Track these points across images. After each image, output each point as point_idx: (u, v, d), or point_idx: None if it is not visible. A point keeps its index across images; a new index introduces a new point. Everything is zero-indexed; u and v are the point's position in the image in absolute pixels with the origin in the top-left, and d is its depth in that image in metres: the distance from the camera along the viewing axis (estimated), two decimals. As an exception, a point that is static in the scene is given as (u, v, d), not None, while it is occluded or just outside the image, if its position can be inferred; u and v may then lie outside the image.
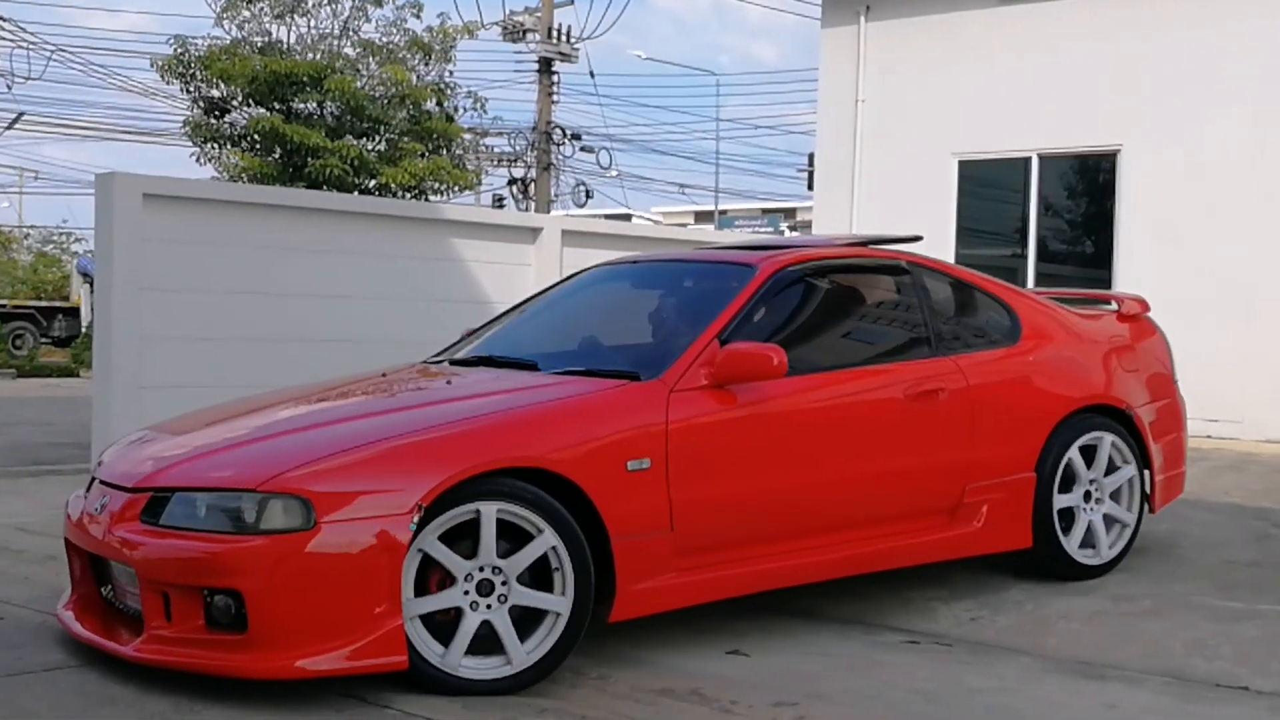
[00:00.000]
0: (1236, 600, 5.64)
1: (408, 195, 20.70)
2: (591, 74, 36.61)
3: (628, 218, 38.95)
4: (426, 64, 21.91)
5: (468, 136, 24.74)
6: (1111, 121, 12.56)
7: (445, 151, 22.28)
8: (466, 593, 4.34)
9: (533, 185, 31.59)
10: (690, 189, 52.00)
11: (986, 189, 13.55)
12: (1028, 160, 13.07)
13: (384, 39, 21.72)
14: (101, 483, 4.73)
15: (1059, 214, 13.20)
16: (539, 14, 30.00)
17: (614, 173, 37.84)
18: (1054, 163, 13.06)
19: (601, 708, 4.22)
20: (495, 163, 32.07)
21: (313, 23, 21.56)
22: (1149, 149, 12.35)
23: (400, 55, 21.56)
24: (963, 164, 13.52)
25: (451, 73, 22.61)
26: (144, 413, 8.75)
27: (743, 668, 4.69)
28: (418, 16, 21.85)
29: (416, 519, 4.20)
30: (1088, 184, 13.03)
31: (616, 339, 5.83)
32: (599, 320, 6.08)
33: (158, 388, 8.87)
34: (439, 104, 22.04)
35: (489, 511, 4.33)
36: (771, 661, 4.75)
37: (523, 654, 4.38)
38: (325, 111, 20.78)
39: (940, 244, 13.28)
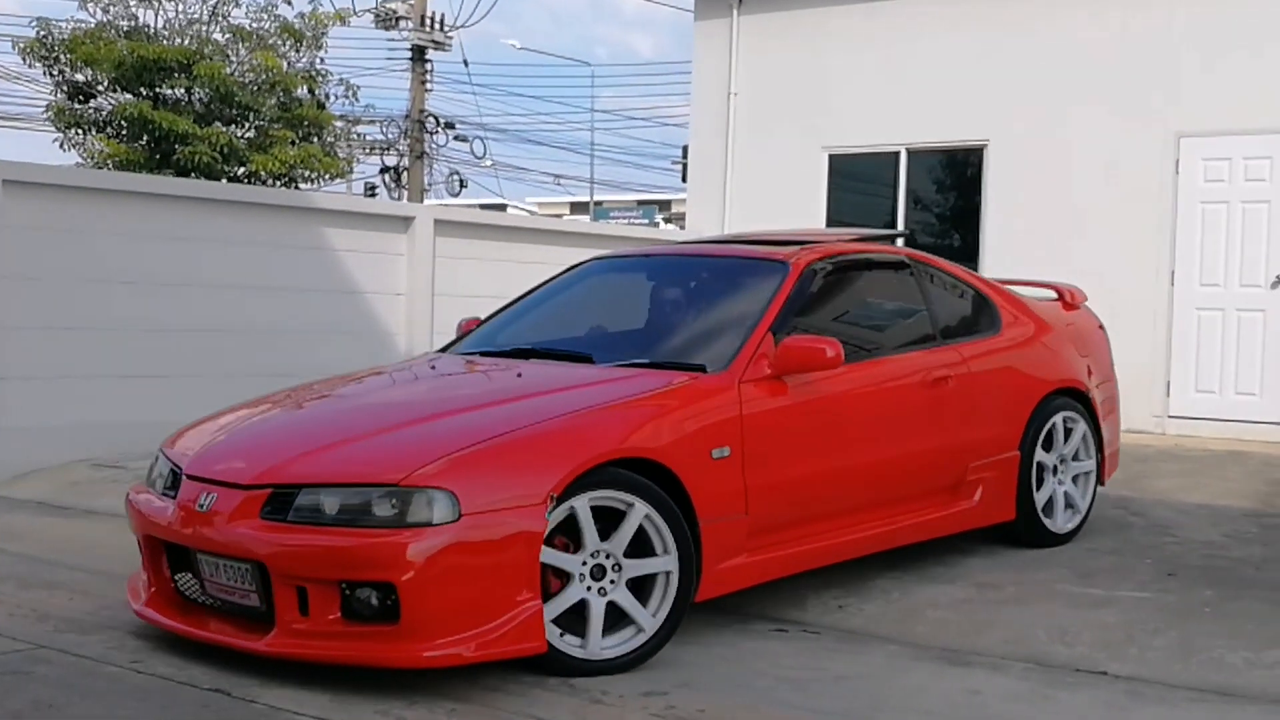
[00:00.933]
0: (1096, 587, 5.78)
1: (278, 183, 20.40)
2: (465, 63, 36.63)
3: (503, 208, 38.71)
4: (298, 51, 21.60)
5: (339, 124, 24.41)
6: (979, 116, 12.78)
7: (316, 139, 22.02)
8: (581, 578, 4.51)
9: (406, 174, 31.28)
10: (565, 179, 52.08)
11: (856, 182, 13.71)
12: (897, 154, 13.26)
13: (254, 25, 21.35)
14: (196, 478, 4.70)
15: (928, 208, 13.41)
16: (412, 1, 29.70)
17: (488, 162, 37.67)
18: (922, 157, 13.26)
19: (473, 699, 4.21)
20: (367, 151, 31.69)
21: (181, 7, 21.13)
22: (1014, 144, 12.59)
23: (271, 41, 21.22)
24: (833, 157, 13.66)
25: (323, 60, 22.36)
26: (3, 407, 8.52)
27: (614, 659, 4.69)
28: (289, 3, 21.59)
29: (551, 508, 4.35)
30: (955, 178, 13.25)
31: (662, 332, 6.00)
32: (630, 313, 6.32)
33: (18, 379, 8.64)
34: (310, 91, 21.77)
35: (596, 499, 4.52)
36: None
37: (649, 618, 4.60)
38: (194, 98, 20.39)
39: (812, 237, 13.43)
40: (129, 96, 19.97)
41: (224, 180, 19.10)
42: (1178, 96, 11.81)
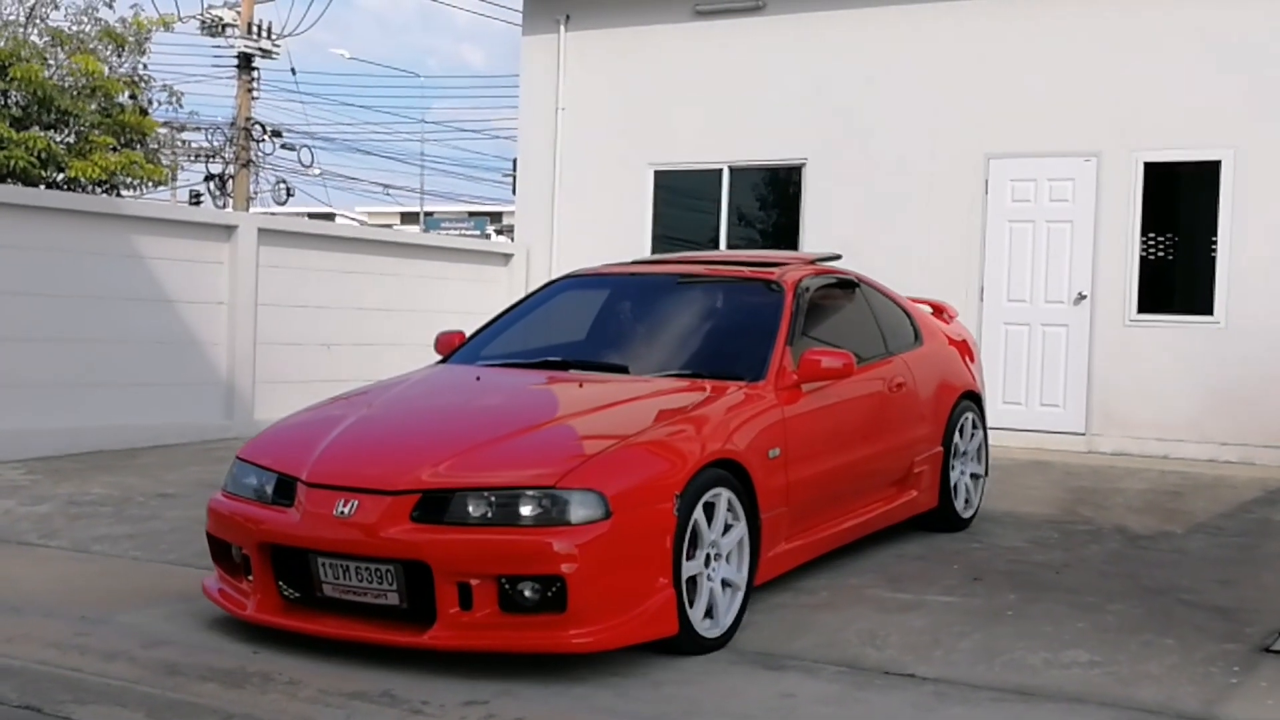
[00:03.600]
0: (905, 592, 5.97)
1: (99, 190, 19.81)
2: (293, 71, 35.94)
3: (331, 217, 38.24)
4: (119, 55, 21.00)
5: (163, 131, 23.83)
6: (798, 136, 13.06)
7: (139, 146, 21.43)
8: (706, 563, 5.06)
9: (231, 182, 30.70)
10: (395, 189, 51.45)
11: (682, 197, 13.90)
12: (720, 171, 13.48)
13: (74, 28, 20.71)
14: (325, 486, 4.92)
15: (750, 224, 13.65)
16: (239, 9, 29.18)
17: (316, 171, 37.15)
18: (744, 174, 13.50)
19: (291, 713, 4.19)
20: (192, 158, 31.01)
21: (-4, 8, 20.39)
22: (831, 163, 12.90)
23: (91, 46, 20.61)
24: (658, 173, 13.84)
25: (146, 65, 21.76)
26: None
27: (435, 668, 4.70)
28: (110, 6, 20.99)
29: (678, 504, 4.85)
30: (776, 195, 13.52)
31: (686, 346, 6.49)
32: (637, 328, 6.80)
33: None
34: (132, 97, 21.18)
35: (706, 496, 5.06)
36: (464, 660, 4.78)
37: (726, 617, 5.16)
38: (10, 101, 19.68)
39: (637, 250, 13.58)
40: (-60, 98, 19.20)
41: (41, 186, 18.50)
42: (987, 117, 12.26)
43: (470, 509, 4.68)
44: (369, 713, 4.20)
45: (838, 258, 7.58)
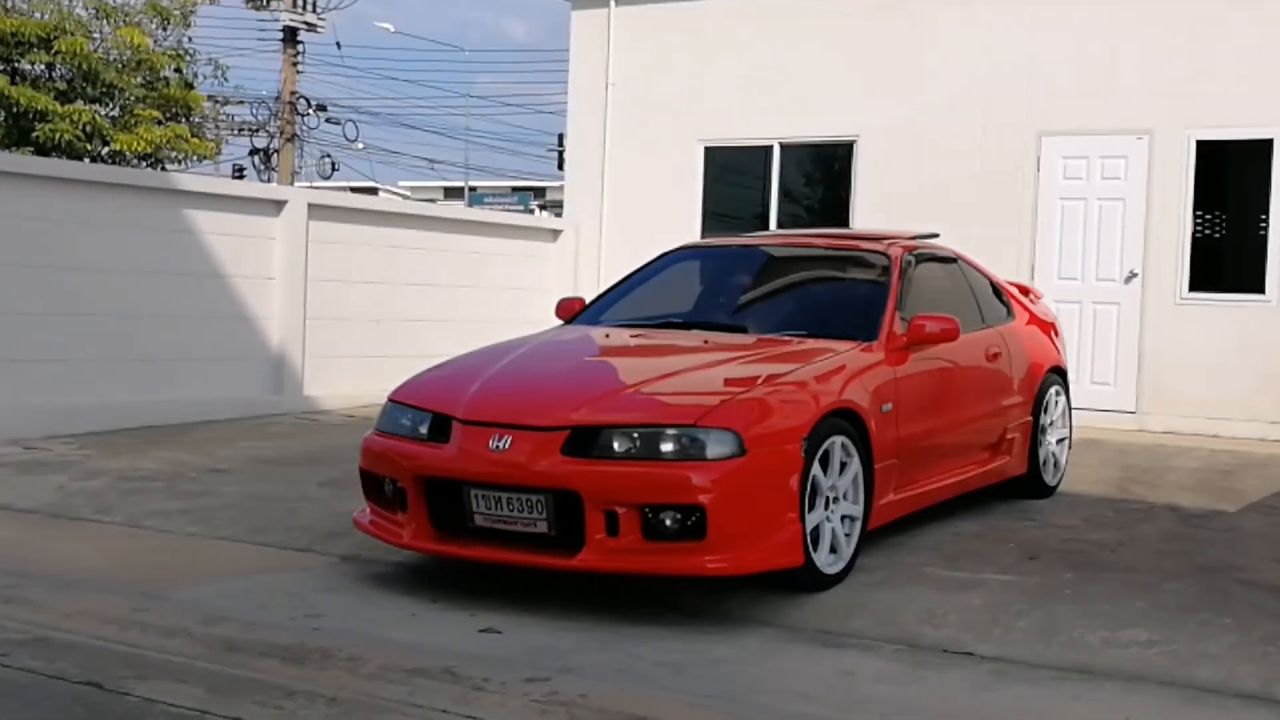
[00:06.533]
0: (962, 570, 5.95)
1: (144, 164, 19.94)
2: (338, 45, 36.21)
3: (374, 191, 38.31)
4: (164, 29, 21.10)
5: (207, 105, 23.95)
6: (849, 113, 13.00)
7: (184, 119, 21.55)
8: (826, 506, 5.48)
9: (276, 156, 30.81)
10: (439, 164, 51.53)
11: (731, 174, 13.86)
12: (770, 148, 13.43)
13: (119, 1, 20.81)
14: (479, 423, 5.31)
15: (798, 200, 13.61)
16: (283, -18, 29.24)
17: (360, 145, 37.23)
18: (794, 151, 13.45)
19: (352, 689, 4.19)
20: (236, 132, 31.15)
21: (41, -19, 20.50)
22: (883, 140, 12.83)
23: (137, 19, 20.70)
24: (708, 150, 13.80)
25: (191, 39, 21.87)
26: None
27: (496, 645, 4.73)
28: (156, -22, 21.02)
29: (805, 446, 5.25)
30: (825, 172, 13.47)
31: (803, 308, 7.08)
32: (754, 292, 7.31)
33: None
34: (178, 70, 21.28)
35: (836, 442, 5.51)
36: (524, 638, 4.81)
37: (847, 550, 5.61)
38: (55, 74, 19.82)
39: (686, 227, 13.56)
40: (-14, 71, 19.35)
41: (87, 160, 18.62)
42: (1039, 95, 12.15)
43: (616, 445, 5.07)
44: (431, 690, 4.21)
45: (936, 236, 7.86)
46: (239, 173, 31.97)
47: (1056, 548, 6.50)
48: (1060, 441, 8.20)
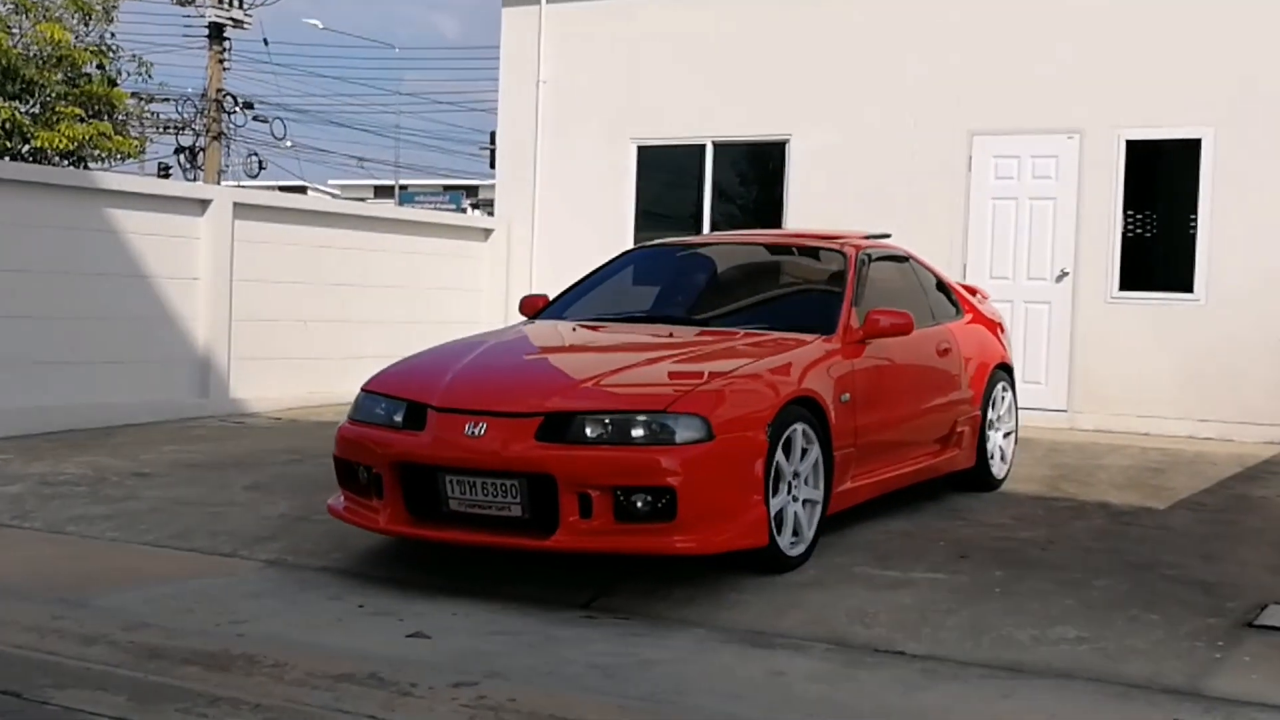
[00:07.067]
0: (893, 569, 5.95)
1: (66, 162, 19.64)
2: (265, 41, 35.82)
3: (303, 190, 37.98)
4: (87, 24, 20.80)
5: (131, 102, 23.61)
6: (782, 112, 13.02)
7: (107, 117, 21.24)
8: (789, 491, 5.72)
9: (202, 155, 30.45)
10: (369, 163, 51.23)
11: (664, 173, 13.84)
12: (703, 147, 13.42)
13: (39, -3, 20.49)
14: (454, 411, 5.47)
15: (732, 199, 13.61)
16: (210, -23, 28.91)
17: (288, 143, 36.91)
18: (728, 150, 13.45)
19: (276, 695, 4.13)
20: (161, 130, 30.75)
21: (-43, -24, 20.15)
22: (816, 139, 12.86)
23: (57, 14, 20.38)
24: (641, 148, 13.77)
25: (114, 35, 21.58)
26: None
27: (423, 650, 4.67)
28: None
29: (769, 432, 5.49)
30: (759, 171, 13.48)
31: (764, 303, 7.42)
32: (714, 289, 7.59)
33: None
34: (100, 67, 21.00)
35: (798, 429, 5.75)
36: (453, 643, 4.75)
37: (808, 532, 5.88)
38: (-29, 71, 19.47)
39: (619, 226, 13.52)
40: (-102, 68, 18.98)
41: (6, 158, 18.30)
42: (970, 94, 12.23)
43: (589, 430, 5.26)
44: (357, 695, 4.15)
45: (888, 236, 8.11)
46: (164, 171, 31.56)
47: (987, 546, 6.52)
48: (1007, 436, 8.43)
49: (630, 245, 13.40)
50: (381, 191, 55.41)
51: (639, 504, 5.18)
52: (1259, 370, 11.19)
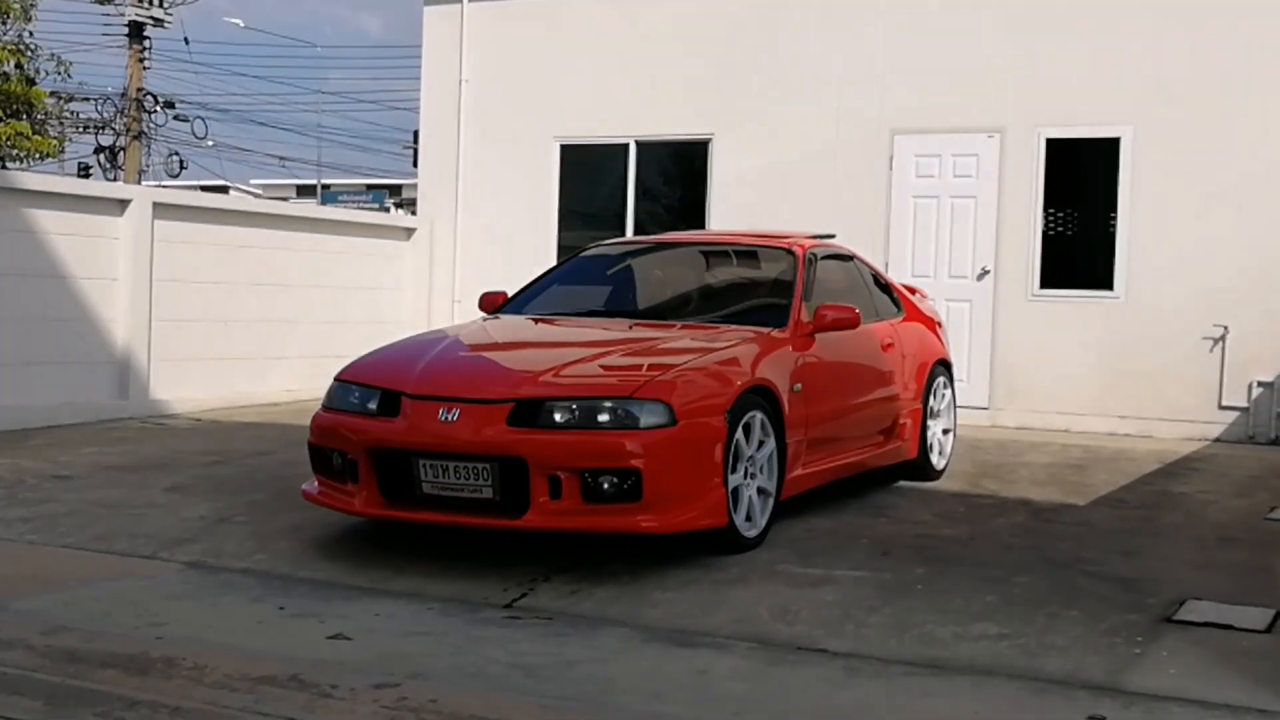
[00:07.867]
0: (815, 567, 5.98)
1: (-18, 161, 19.29)
2: (186, 40, 35.35)
3: (225, 190, 37.55)
4: (4, 23, 20.47)
5: (50, 101, 23.25)
6: (705, 111, 13.05)
7: (25, 116, 20.92)
8: (745, 475, 6.04)
9: (122, 154, 30.01)
10: (291, 162, 50.66)
11: (588, 173, 13.81)
12: (626, 146, 13.42)
13: (-47, -7, 20.13)
14: (427, 398, 5.73)
15: (656, 199, 13.62)
16: (129, -26, 28.49)
17: (210, 143, 36.49)
18: (651, 149, 13.46)
19: (196, 698, 4.08)
20: (81, 130, 30.28)
21: None
22: (738, 137, 12.90)
23: (-28, 11, 20.04)
24: (564, 147, 13.75)
25: (32, 34, 21.25)
26: None
27: (345, 651, 4.63)
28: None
29: (729, 418, 5.81)
30: (683, 171, 13.50)
31: (718, 299, 7.80)
32: (670, 286, 7.95)
33: None
34: (18, 66, 20.67)
35: (756, 416, 6.08)
36: (374, 644, 4.72)
37: (762, 519, 6.22)
38: (-115, 69, 19.09)
39: (543, 225, 13.50)
40: None
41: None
42: (892, 93, 12.31)
43: (558, 416, 5.53)
44: (278, 697, 4.11)
45: (833, 236, 8.43)
46: (85, 171, 31.07)
47: (909, 543, 6.57)
48: (946, 431, 8.77)
49: (554, 244, 13.47)
50: (304, 191, 54.87)
51: (606, 485, 5.45)
52: (1178, 367, 11.37)
